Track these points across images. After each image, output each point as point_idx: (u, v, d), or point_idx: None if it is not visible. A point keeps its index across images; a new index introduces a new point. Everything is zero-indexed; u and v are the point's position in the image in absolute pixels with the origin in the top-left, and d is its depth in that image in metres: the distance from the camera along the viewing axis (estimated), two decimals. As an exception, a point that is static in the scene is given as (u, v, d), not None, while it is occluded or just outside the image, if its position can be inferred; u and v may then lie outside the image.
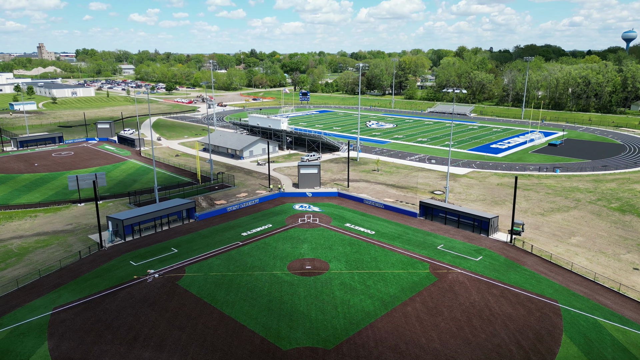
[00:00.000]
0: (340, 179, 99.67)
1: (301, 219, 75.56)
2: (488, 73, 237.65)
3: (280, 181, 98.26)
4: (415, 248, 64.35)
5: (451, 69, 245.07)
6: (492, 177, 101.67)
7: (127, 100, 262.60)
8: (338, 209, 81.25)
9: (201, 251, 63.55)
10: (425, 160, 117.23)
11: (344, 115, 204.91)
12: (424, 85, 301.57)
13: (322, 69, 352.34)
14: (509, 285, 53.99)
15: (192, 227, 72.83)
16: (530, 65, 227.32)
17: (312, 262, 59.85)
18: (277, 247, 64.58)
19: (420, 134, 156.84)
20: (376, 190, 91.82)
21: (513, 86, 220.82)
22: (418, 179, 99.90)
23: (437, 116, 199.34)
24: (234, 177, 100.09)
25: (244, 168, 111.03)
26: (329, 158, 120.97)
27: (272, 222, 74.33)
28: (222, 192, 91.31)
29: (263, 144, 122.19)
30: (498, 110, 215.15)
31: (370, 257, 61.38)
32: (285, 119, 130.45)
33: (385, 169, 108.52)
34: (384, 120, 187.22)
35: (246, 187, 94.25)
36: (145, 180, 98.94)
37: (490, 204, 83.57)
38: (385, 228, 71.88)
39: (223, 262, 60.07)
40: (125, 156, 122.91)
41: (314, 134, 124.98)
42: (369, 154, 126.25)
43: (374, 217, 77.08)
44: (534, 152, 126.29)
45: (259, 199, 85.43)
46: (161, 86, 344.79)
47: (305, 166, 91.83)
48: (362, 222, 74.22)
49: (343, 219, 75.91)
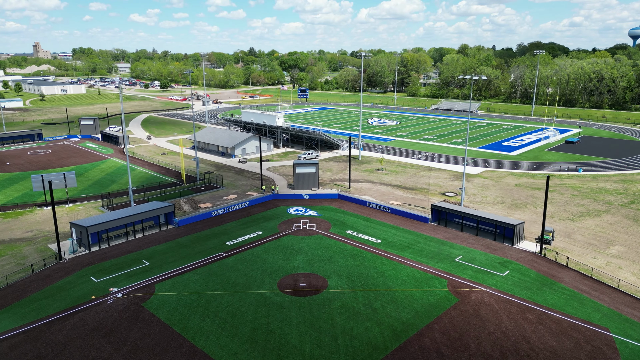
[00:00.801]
0: (341, 180, 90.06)
1: (296, 225, 65.91)
2: (494, 69, 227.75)
3: (274, 181, 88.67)
4: (429, 260, 54.68)
5: (456, 65, 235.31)
6: (509, 177, 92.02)
7: (118, 97, 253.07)
8: (338, 213, 71.61)
9: (177, 264, 53.87)
10: (434, 159, 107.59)
11: (345, 113, 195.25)
12: (427, 83, 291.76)
13: (321, 66, 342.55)
14: (546, 309, 44.31)
15: (169, 235, 63.16)
16: (539, 60, 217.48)
17: (308, 278, 50.19)
18: (266, 260, 54.91)
19: (426, 131, 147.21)
20: (381, 192, 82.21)
21: (521, 82, 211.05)
22: (427, 179, 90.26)
23: (443, 113, 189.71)
24: (222, 177, 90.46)
25: (234, 167, 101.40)
26: (328, 156, 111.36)
27: (262, 229, 64.65)
28: (208, 193, 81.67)
29: (257, 141, 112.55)
30: (506, 107, 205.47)
31: (377, 272, 51.70)
32: (281, 114, 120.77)
33: (390, 168, 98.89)
34: (386, 118, 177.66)
35: (236, 189, 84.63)
36: (125, 180, 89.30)
37: (510, 207, 73.93)
38: (393, 236, 62.19)
39: (201, 278, 50.40)
40: (107, 154, 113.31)
41: (312, 130, 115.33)
42: (372, 152, 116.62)
43: (379, 222, 67.39)
44: (550, 150, 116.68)
45: (249, 201, 75.81)
46: (156, 84, 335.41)
47: (301, 165, 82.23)
48: (366, 229, 64.54)
49: (344, 225, 66.25)
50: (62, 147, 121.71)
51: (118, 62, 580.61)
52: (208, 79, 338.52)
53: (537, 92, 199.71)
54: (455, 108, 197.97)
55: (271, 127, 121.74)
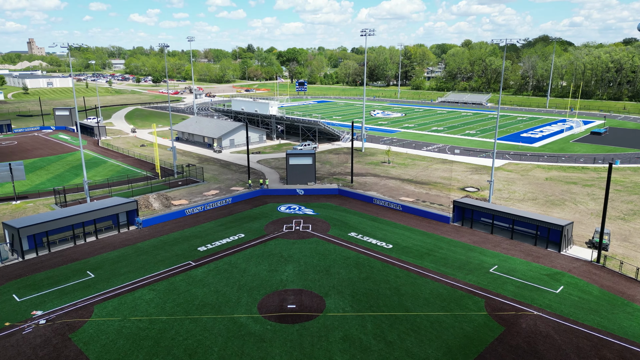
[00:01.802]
0: (342, 173, 77.77)
1: (287, 226, 53.59)
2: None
3: (265, 175, 76.39)
4: (457, 272, 42.33)
5: (462, 56, 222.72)
6: (536, 170, 79.67)
7: (107, 91, 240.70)
8: (339, 211, 59.26)
9: (130, 277, 41.54)
10: (447, 151, 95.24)
11: (345, 105, 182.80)
12: (431, 77, 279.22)
13: (321, 60, 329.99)
14: (626, 341, 32.00)
15: (129, 238, 50.81)
16: (550, 51, 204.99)
17: (299, 297, 37.87)
18: (246, 271, 42.57)
19: (434, 122, 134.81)
20: (389, 187, 69.89)
21: (533, 73, 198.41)
22: (441, 173, 77.95)
23: (450, 106, 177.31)
24: (202, 169, 78.21)
25: (220, 160, 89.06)
26: (327, 148, 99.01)
27: (245, 231, 52.30)
28: (186, 189, 69.36)
29: (248, 131, 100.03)
30: (517, 99, 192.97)
31: (390, 288, 39.36)
32: (275, 102, 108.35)
33: (397, 161, 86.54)
34: (390, 110, 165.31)
35: (219, 183, 72.32)
36: (92, 174, 76.95)
37: (545, 204, 61.60)
38: (408, 239, 49.83)
39: (158, 297, 38.05)
40: (78, 146, 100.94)
41: (310, 120, 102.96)
42: (377, 144, 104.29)
43: (389, 223, 55.03)
44: (576, 142, 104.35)
45: (233, 198, 63.48)
46: (149, 79, 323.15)
47: (295, 155, 69.95)
48: (374, 231, 52.18)
49: (346, 225, 53.90)
50: (30, 139, 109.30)
51: (114, 58, 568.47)
52: (203, 74, 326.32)
53: (552, 82, 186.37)
54: (463, 100, 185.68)
55: (264, 117, 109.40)
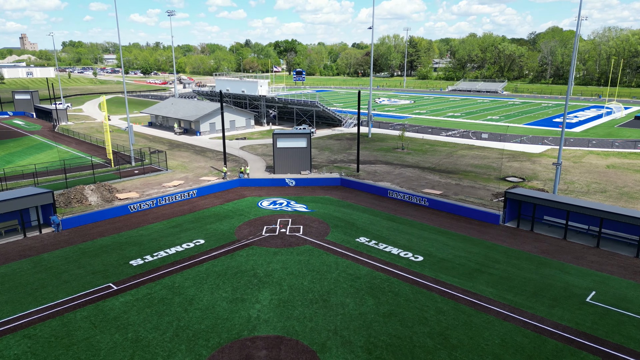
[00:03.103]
0: (345, 161, 61.69)
1: (269, 228, 37.37)
2: (519, 45, 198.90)
3: (247, 163, 60.29)
4: (534, 302, 26.06)
5: (473, 42, 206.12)
6: (590, 156, 63.46)
7: (91, 81, 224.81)
8: (342, 207, 43.02)
9: (5, 312, 25.33)
10: (470, 136, 79.11)
11: (347, 94, 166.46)
12: (437, 67, 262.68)
13: (320, 50, 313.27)
14: None
15: (35, 246, 34.62)
16: (569, 36, 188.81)
17: (276, 354, 21.60)
18: (194, 302, 26.34)
19: (449, 109, 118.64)
20: (406, 177, 53.73)
21: (552, 59, 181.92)
22: (470, 160, 61.78)
23: (462, 94, 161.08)
24: (165, 154, 62.14)
25: (196, 146, 72.94)
26: (327, 134, 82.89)
27: (207, 235, 36.06)
28: (141, 179, 53.20)
29: (230, 113, 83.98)
30: (535, 87, 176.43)
31: (431, 334, 23.08)
32: (264, 81, 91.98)
33: (413, 146, 70.37)
34: (397, 97, 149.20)
35: (188, 172, 56.17)
36: (29, 161, 60.81)
37: (619, 197, 45.41)
38: (444, 248, 33.54)
39: (31, 353, 21.84)
40: (31, 131, 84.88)
41: (307, 101, 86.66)
42: (385, 129, 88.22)
43: (412, 223, 38.78)
44: (621, 127, 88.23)
45: (200, 190, 47.34)
46: (139, 72, 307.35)
47: (285, 136, 53.90)
48: (393, 235, 35.92)
49: (352, 227, 37.61)
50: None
51: (108, 54, 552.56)
52: (197, 66, 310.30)
53: (574, 68, 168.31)
54: (476, 88, 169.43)
55: (252, 98, 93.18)
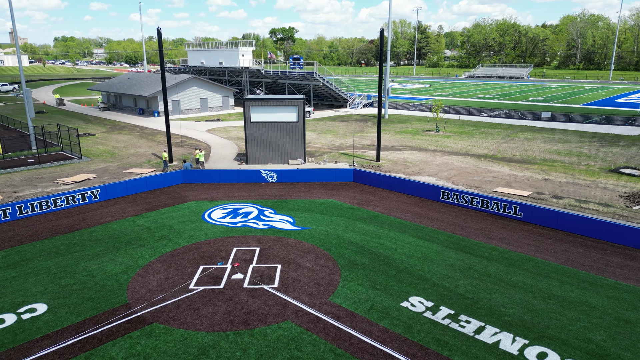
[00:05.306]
0: (356, 147, 41.29)
1: (208, 270, 16.76)
2: (542, 28, 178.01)
3: (211, 149, 39.94)
4: None
5: (491, 26, 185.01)
6: None
7: (68, 70, 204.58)
8: (358, 222, 22.42)
9: None
10: (521, 116, 58.69)
11: (350, 81, 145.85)
12: (450, 56, 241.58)
13: (320, 41, 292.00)
14: None
15: None
16: (599, 18, 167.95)
17: None
18: None
19: (476, 91, 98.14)
20: (457, 168, 33.28)
21: (582, 42, 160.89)
22: (540, 145, 41.31)
23: (482, 79, 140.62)
24: (78, 139, 41.78)
25: (146, 128, 52.58)
26: (328, 115, 62.50)
27: (58, 293, 15.50)
28: (30, 171, 32.87)
29: (199, 87, 63.48)
30: (564, 73, 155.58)
31: None
32: (249, 49, 71.40)
33: (451, 128, 49.94)
34: (409, 82, 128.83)
35: (113, 161, 35.79)
36: None
37: None
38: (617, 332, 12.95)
39: None
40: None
41: (302, 73, 66.09)
42: (404, 110, 68.05)
43: (511, 257, 18.19)
44: None
45: (107, 188, 26.86)
46: (124, 64, 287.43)
47: (263, 104, 33.54)
48: (484, 293, 15.33)
49: (386, 268, 16.97)
50: None
51: (99, 48, 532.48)
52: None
53: (613, 48, 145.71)
54: (497, 74, 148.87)
55: (232, 72, 72.72)
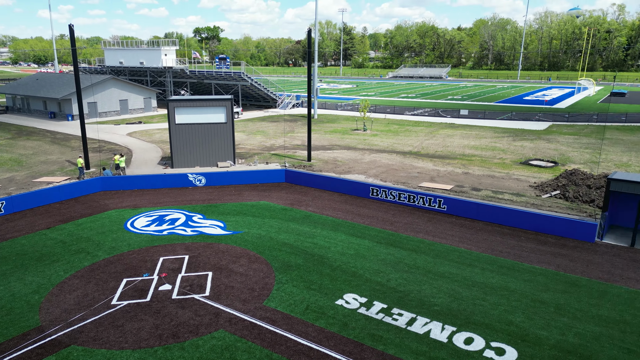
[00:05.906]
0: (286, 147, 41.10)
1: (132, 283, 15.74)
2: (458, 30, 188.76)
3: (132, 153, 37.83)
4: None
5: (411, 28, 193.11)
6: (615, 132, 48.00)
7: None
8: (292, 222, 22.29)
9: None
10: (442, 114, 61.80)
11: (279, 81, 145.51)
12: (374, 57, 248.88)
13: (247, 40, 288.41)
14: None
15: None
16: (508, 21, 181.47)
17: None
18: None
19: (400, 91, 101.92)
20: (384, 165, 34.23)
21: (493, 44, 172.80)
22: (459, 140, 43.72)
23: (405, 79, 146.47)
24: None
25: (58, 133, 48.85)
26: (257, 116, 61.77)
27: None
28: None
29: (117, 88, 60.12)
30: (479, 73, 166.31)
31: None
32: (172, 48, 68.71)
33: (378, 127, 51.30)
34: (336, 83, 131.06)
35: (20, 170, 32.76)
36: None
37: None
38: (545, 317, 13.94)
39: None
40: None
41: (230, 74, 64.76)
42: (333, 110, 69.08)
43: (437, 249, 18.97)
44: (603, 102, 75.95)
45: (12, 200, 24.45)
46: (32, 64, 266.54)
47: (188, 105, 32.27)
48: (413, 285, 15.81)
49: (320, 267, 16.98)
50: None
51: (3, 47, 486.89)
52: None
53: (519, 51, 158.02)
54: (418, 74, 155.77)
55: (155, 72, 69.62)
